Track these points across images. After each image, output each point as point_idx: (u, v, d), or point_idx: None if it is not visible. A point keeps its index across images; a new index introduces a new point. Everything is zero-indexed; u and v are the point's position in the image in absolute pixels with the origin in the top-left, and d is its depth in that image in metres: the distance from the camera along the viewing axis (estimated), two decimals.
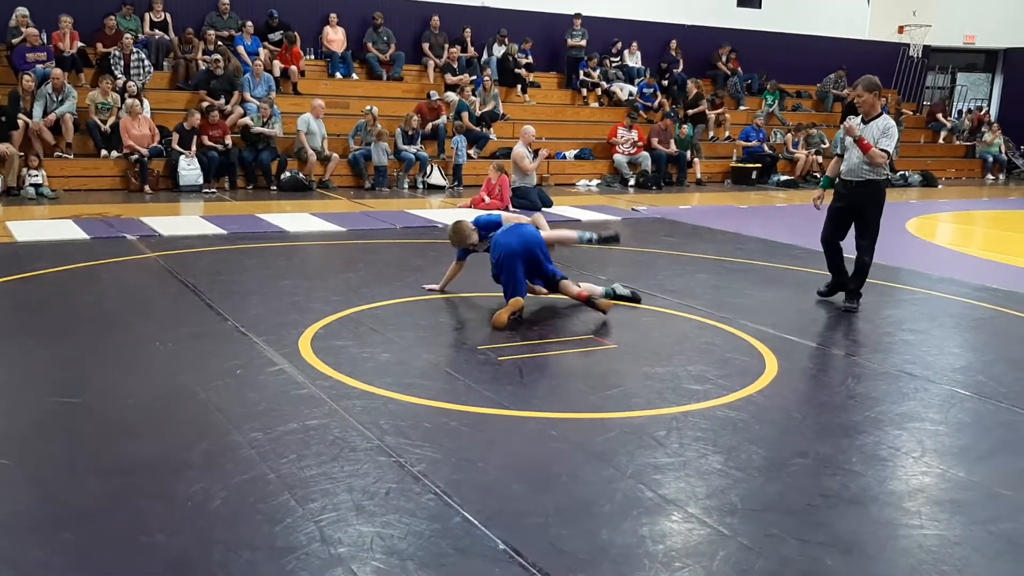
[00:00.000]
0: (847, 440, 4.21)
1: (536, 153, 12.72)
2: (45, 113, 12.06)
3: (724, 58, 19.29)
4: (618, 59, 18.35)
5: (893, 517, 3.45)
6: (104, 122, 12.43)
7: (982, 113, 21.83)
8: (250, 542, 3.04)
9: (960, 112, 22.33)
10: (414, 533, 3.15)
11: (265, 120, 13.16)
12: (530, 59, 17.26)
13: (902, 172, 18.40)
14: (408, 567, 2.93)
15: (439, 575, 2.89)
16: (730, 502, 3.50)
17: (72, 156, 12.28)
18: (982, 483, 3.78)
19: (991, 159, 20.41)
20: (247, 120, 13.24)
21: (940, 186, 18.26)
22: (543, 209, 11.96)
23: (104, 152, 12.40)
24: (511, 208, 11.76)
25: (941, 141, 20.98)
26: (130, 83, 12.81)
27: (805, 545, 3.17)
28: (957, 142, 21.03)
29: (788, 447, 4.10)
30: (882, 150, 6.67)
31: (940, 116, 21.22)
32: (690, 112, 17.44)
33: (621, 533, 3.22)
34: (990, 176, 20.33)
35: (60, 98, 12.18)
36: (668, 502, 3.48)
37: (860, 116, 6.91)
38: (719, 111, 17.95)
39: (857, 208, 6.99)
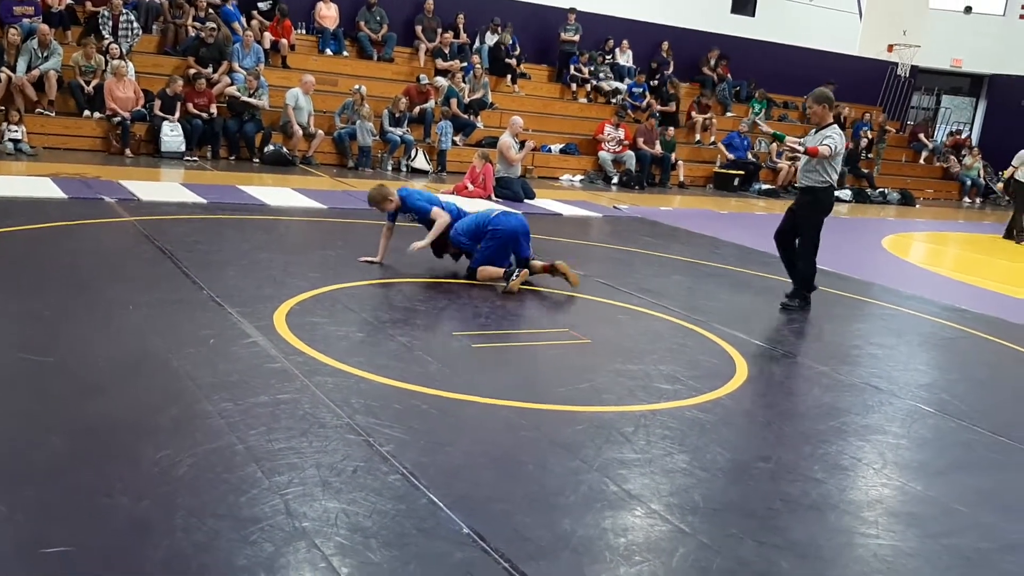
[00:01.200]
0: (810, 448, 4.28)
1: (523, 144, 12.72)
2: (29, 68, 11.89)
3: (712, 62, 19.36)
4: (610, 56, 18.36)
5: (850, 525, 3.51)
6: (88, 83, 12.29)
7: (962, 137, 22.08)
8: (214, 510, 3.05)
9: (936, 133, 22.60)
10: (379, 512, 3.17)
11: (252, 92, 13.05)
12: (518, 49, 17.21)
13: (881, 189, 18.59)
14: (371, 544, 2.95)
15: (402, 554, 2.91)
16: (692, 501, 3.55)
17: (54, 114, 12.12)
18: (939, 498, 3.85)
19: (969, 183, 20.67)
20: (234, 89, 13.13)
21: (918, 205, 18.47)
22: (525, 201, 12.00)
23: (86, 112, 12.26)
24: (493, 197, 11.77)
25: (922, 161, 21.22)
26: (114, 45, 12.65)
27: (762, 547, 3.22)
28: (938, 163, 21.26)
29: (752, 451, 4.16)
30: (823, 145, 6.93)
31: (922, 136, 21.45)
32: (661, 110, 17.48)
33: (583, 525, 3.25)
34: (967, 199, 20.59)
35: (45, 54, 12.02)
36: (632, 497, 3.52)
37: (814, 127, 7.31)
38: (706, 116, 18.02)
39: (797, 213, 7.38)
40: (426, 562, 2.89)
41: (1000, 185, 17.93)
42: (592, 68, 17.73)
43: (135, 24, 13.33)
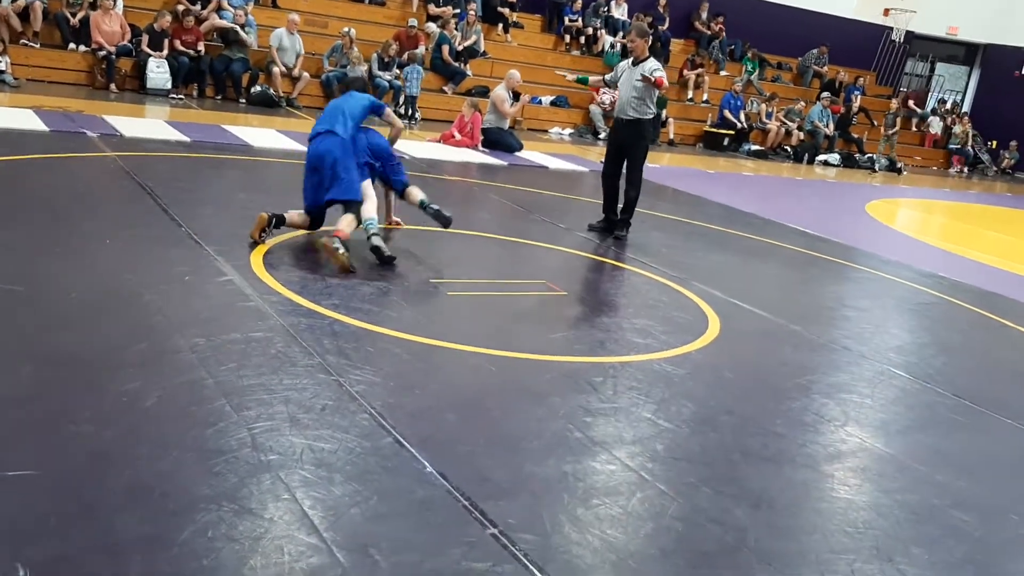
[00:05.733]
0: (774, 403, 4.34)
1: (517, 97, 12.65)
2: None
3: (704, 16, 19.17)
4: (605, 9, 18.15)
5: (806, 478, 3.59)
6: (73, 15, 12.08)
7: (961, 111, 22.02)
8: (179, 442, 3.08)
9: (937, 102, 22.53)
10: (345, 449, 3.22)
11: (240, 26, 12.86)
12: None
13: (869, 155, 18.58)
14: (335, 479, 3.00)
15: (364, 489, 2.96)
16: (654, 449, 3.62)
17: (38, 46, 11.93)
18: (896, 456, 3.93)
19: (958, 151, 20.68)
20: (223, 22, 12.94)
21: (904, 172, 18.49)
22: (513, 152, 11.95)
23: (72, 45, 12.08)
24: (480, 147, 11.73)
25: (915, 129, 21.20)
26: None
27: (718, 496, 3.29)
28: (932, 129, 21.15)
29: (717, 404, 4.22)
30: (661, 74, 7.32)
31: (912, 103, 21.41)
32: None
33: (545, 468, 3.31)
34: (954, 168, 20.61)
35: None
36: (595, 444, 3.58)
37: (631, 59, 7.61)
38: (697, 73, 17.89)
39: (625, 145, 7.65)
40: (387, 498, 2.94)
41: None
42: (584, 18, 17.48)
43: None
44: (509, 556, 2.72)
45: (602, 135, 15.52)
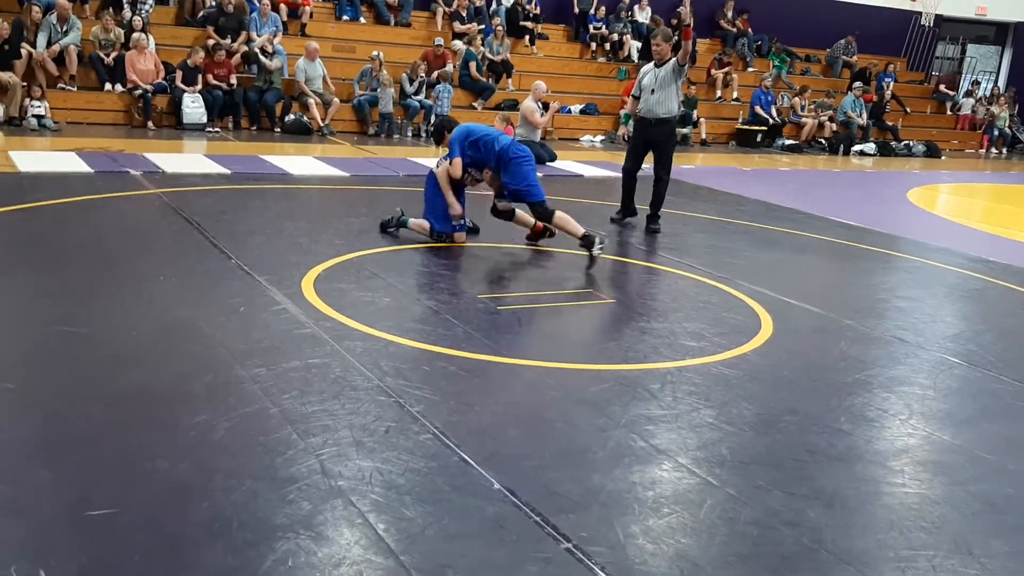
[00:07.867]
0: (836, 400, 4.30)
1: (546, 107, 12.68)
2: (49, 44, 11.96)
3: (729, 15, 19.08)
4: (628, 13, 18.14)
5: (877, 475, 3.55)
6: (108, 56, 12.34)
7: (1000, 92, 21.66)
8: (252, 472, 3.13)
9: (971, 84, 22.18)
10: (412, 470, 3.24)
11: (268, 55, 13.05)
12: (537, 8, 17.07)
13: (907, 142, 18.34)
14: (406, 501, 3.02)
15: (436, 510, 2.98)
16: (720, 454, 3.60)
17: (75, 88, 12.21)
18: (965, 446, 3.88)
19: (996, 132, 20.34)
20: (254, 48, 13.14)
21: (943, 157, 18.23)
22: (547, 163, 11.97)
23: (108, 86, 12.33)
24: None
25: (950, 112, 20.90)
26: (136, 18, 12.68)
27: (790, 497, 3.26)
28: (969, 111, 20.79)
29: (778, 404, 4.19)
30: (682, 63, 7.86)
31: (944, 87, 21.12)
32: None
33: (612, 479, 3.31)
34: (994, 149, 20.28)
35: (64, 29, 12.06)
36: (659, 452, 3.57)
37: (654, 62, 8.13)
38: (726, 71, 17.81)
39: (653, 143, 8.07)
40: (459, 517, 2.96)
41: None
42: (608, 24, 17.47)
43: None
44: (585, 570, 2.73)
45: None
